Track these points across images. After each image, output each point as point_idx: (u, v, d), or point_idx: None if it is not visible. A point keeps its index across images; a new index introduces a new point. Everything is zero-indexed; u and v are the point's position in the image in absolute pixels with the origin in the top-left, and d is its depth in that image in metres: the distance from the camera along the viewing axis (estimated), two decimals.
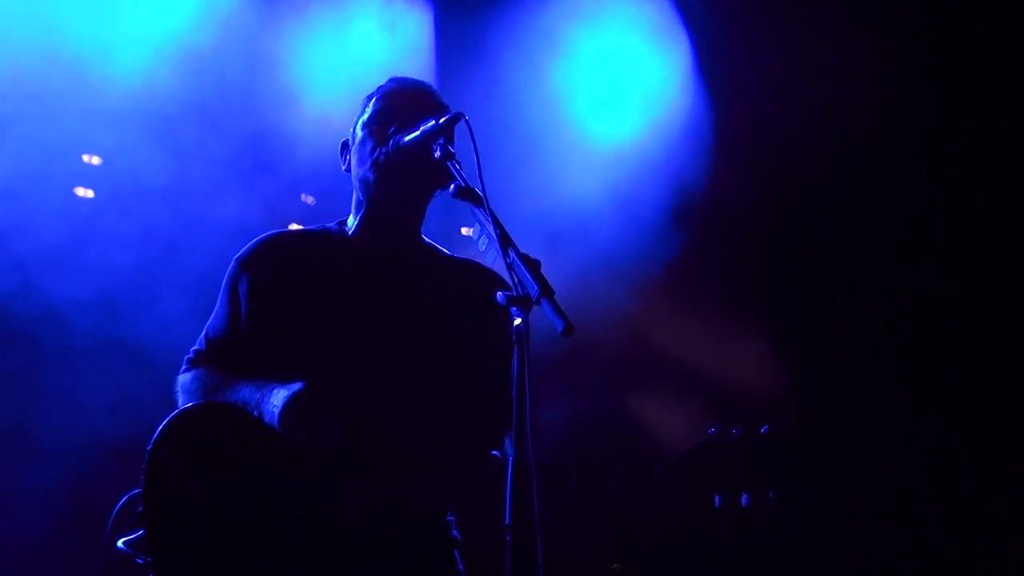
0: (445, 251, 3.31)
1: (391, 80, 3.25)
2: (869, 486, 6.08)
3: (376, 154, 3.05)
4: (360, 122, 3.16)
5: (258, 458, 2.90)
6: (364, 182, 3.12)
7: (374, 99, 3.17)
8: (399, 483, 2.88)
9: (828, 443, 5.77)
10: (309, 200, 6.35)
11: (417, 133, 2.90)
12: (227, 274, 3.21)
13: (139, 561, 2.84)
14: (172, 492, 2.87)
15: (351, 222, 3.23)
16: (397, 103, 3.11)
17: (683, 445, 2.84)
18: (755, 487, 2.76)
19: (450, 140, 2.91)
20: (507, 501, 2.32)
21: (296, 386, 2.88)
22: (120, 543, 2.90)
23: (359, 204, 3.19)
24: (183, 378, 3.20)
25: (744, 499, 2.76)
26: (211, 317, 3.25)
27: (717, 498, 2.78)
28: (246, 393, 2.97)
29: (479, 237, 2.73)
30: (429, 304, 3.15)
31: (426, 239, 3.29)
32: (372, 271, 3.15)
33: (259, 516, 2.86)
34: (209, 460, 2.90)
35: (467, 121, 2.73)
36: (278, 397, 2.88)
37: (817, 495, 5.56)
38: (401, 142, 2.96)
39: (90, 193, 5.89)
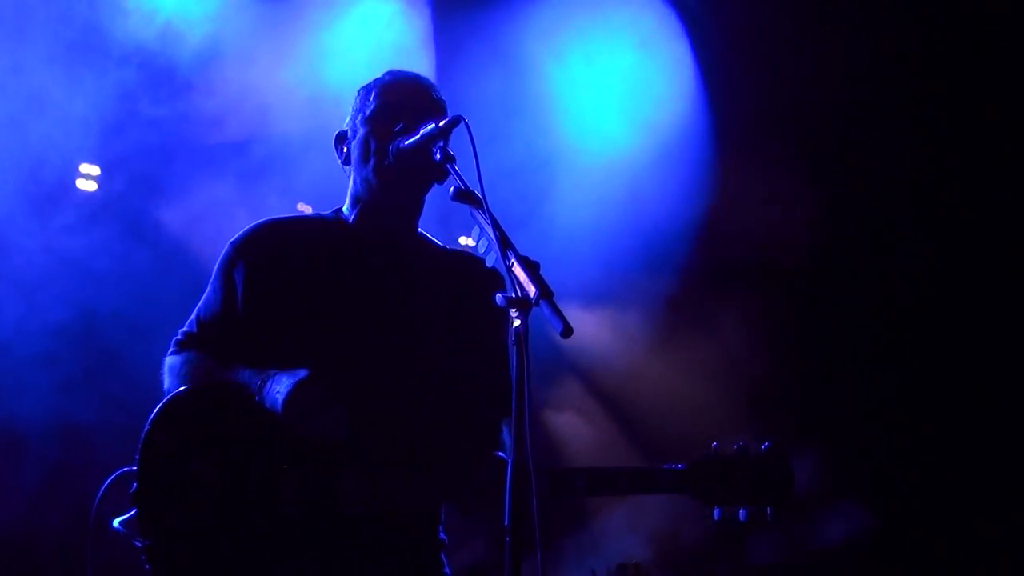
0: (439, 243, 3.31)
1: (389, 74, 3.23)
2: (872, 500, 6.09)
3: (380, 155, 3.05)
4: (361, 117, 3.16)
5: (256, 443, 2.88)
6: (366, 181, 3.13)
7: (374, 94, 3.16)
8: (399, 476, 2.87)
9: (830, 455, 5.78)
10: (307, 210, 6.36)
11: (417, 137, 2.91)
12: (221, 257, 3.16)
13: (136, 544, 2.80)
14: (167, 473, 2.83)
15: (346, 210, 3.22)
16: (398, 99, 3.12)
17: (687, 458, 2.89)
18: (754, 502, 2.83)
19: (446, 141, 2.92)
20: (507, 502, 2.32)
21: (300, 373, 2.86)
22: (116, 523, 2.86)
23: (357, 198, 3.19)
24: (172, 360, 3.14)
25: (742, 513, 2.82)
26: (202, 300, 3.19)
27: (717, 511, 2.84)
28: (245, 377, 2.94)
29: (479, 239, 2.74)
30: (427, 295, 3.16)
31: (421, 231, 3.29)
32: (371, 260, 3.15)
33: (255, 502, 2.84)
34: (207, 443, 2.87)
35: (467, 124, 2.74)
36: (282, 384, 2.85)
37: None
38: (402, 146, 2.97)
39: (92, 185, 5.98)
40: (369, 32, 6.10)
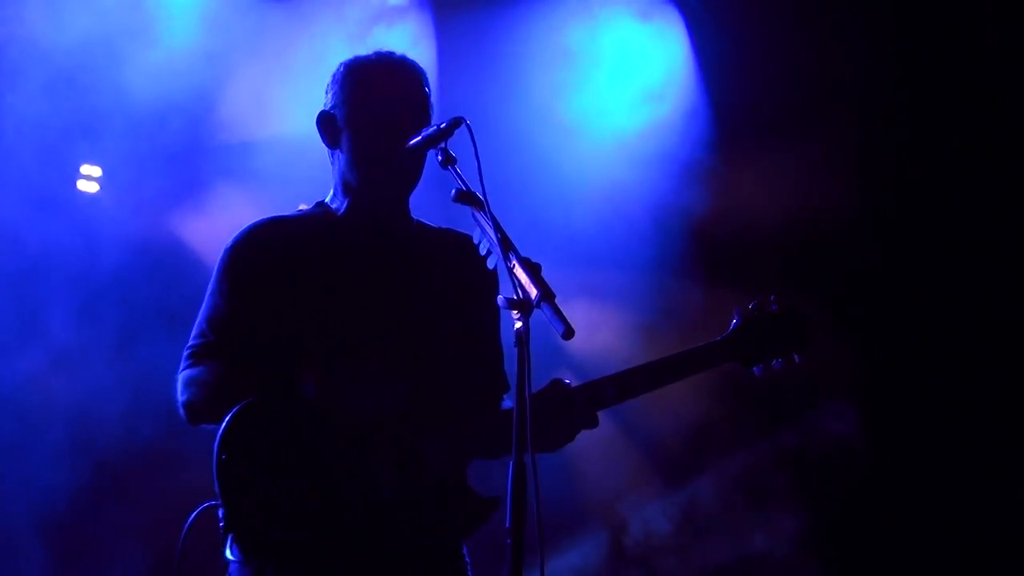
0: (431, 224, 3.33)
1: (377, 56, 3.23)
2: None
3: (377, 152, 3.08)
4: (351, 105, 3.15)
5: (307, 447, 2.89)
6: (362, 175, 3.15)
7: (364, 79, 3.16)
8: (423, 453, 2.92)
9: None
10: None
11: (419, 138, 2.91)
12: (220, 264, 3.15)
13: (246, 569, 2.86)
14: (252, 495, 2.83)
15: (334, 199, 3.24)
16: (391, 89, 3.13)
17: (712, 337, 3.12)
18: (784, 351, 3.08)
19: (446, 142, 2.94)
20: (508, 503, 2.33)
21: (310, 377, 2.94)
22: (228, 554, 2.87)
23: (347, 185, 3.20)
24: (191, 372, 3.10)
25: (776, 364, 3.09)
26: (206, 308, 3.16)
27: (758, 369, 3.09)
28: (269, 384, 2.97)
29: (479, 241, 2.75)
30: (425, 280, 3.18)
31: (413, 216, 3.31)
32: (368, 251, 3.16)
33: (355, 493, 2.88)
34: (280, 453, 2.87)
35: (468, 125, 2.73)
36: (307, 388, 2.93)
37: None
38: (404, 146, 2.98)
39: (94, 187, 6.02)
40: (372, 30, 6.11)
